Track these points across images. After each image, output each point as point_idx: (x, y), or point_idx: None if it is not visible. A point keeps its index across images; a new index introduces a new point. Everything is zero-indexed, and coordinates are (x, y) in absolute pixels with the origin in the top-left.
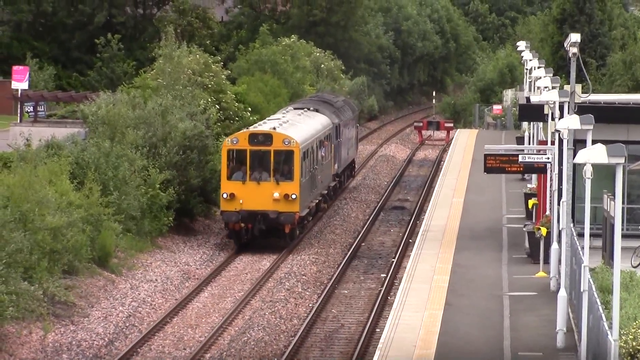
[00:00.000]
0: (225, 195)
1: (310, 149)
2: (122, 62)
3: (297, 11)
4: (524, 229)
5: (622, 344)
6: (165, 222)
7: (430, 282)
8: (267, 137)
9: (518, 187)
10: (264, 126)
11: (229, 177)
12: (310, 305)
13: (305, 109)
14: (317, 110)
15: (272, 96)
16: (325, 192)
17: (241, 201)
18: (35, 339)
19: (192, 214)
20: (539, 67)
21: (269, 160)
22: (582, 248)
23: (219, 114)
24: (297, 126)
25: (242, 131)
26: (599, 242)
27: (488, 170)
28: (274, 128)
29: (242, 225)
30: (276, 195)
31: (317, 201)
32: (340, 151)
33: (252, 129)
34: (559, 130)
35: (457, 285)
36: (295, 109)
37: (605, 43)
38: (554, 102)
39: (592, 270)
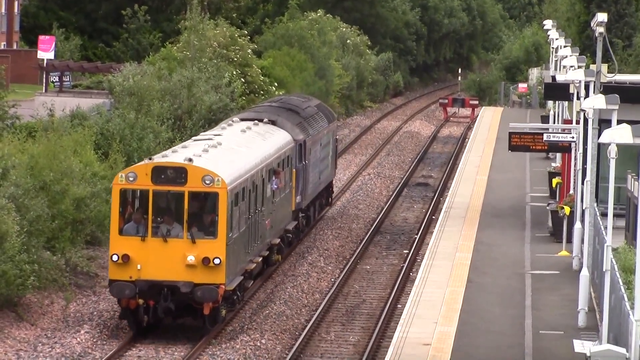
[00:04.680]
0: (115, 258)
1: (251, 186)
2: (148, 33)
3: None
4: (547, 207)
5: None
6: None
7: (452, 259)
8: (180, 173)
9: (542, 166)
10: (177, 155)
11: (122, 231)
12: (332, 279)
13: (256, 122)
14: (274, 123)
15: (298, 71)
16: (278, 240)
17: (139, 266)
18: (56, 308)
19: None
20: (565, 46)
21: (182, 208)
22: (605, 228)
23: (243, 87)
24: (232, 152)
25: (142, 163)
26: (622, 222)
27: (512, 148)
28: (190, 159)
29: (141, 302)
30: (191, 258)
31: (263, 257)
32: (307, 177)
33: (157, 159)
34: (584, 110)
35: (480, 263)
36: (242, 120)
37: (631, 23)
38: (580, 82)
39: (614, 250)
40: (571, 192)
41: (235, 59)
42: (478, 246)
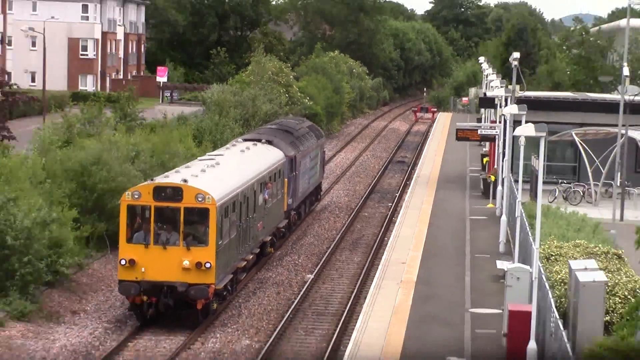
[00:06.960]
0: (123, 262)
1: (242, 198)
2: (227, 65)
3: (339, 34)
4: (480, 176)
5: (541, 251)
6: None
7: (419, 209)
8: (177, 192)
9: (477, 150)
10: (176, 175)
11: (129, 240)
12: (343, 222)
13: (255, 142)
14: (270, 142)
15: (322, 89)
16: (269, 238)
17: (143, 269)
18: None
19: None
20: (492, 74)
21: (179, 220)
22: (517, 189)
23: (287, 100)
24: (227, 171)
25: (145, 183)
26: (527, 186)
27: (458, 138)
28: (186, 180)
29: (145, 298)
30: (186, 263)
31: (254, 254)
32: (297, 183)
33: (158, 180)
34: (504, 114)
35: (437, 212)
36: (245, 140)
37: (535, 58)
38: (501, 96)
39: (523, 203)
40: (495, 166)
41: (282, 82)
42: (436, 201)
